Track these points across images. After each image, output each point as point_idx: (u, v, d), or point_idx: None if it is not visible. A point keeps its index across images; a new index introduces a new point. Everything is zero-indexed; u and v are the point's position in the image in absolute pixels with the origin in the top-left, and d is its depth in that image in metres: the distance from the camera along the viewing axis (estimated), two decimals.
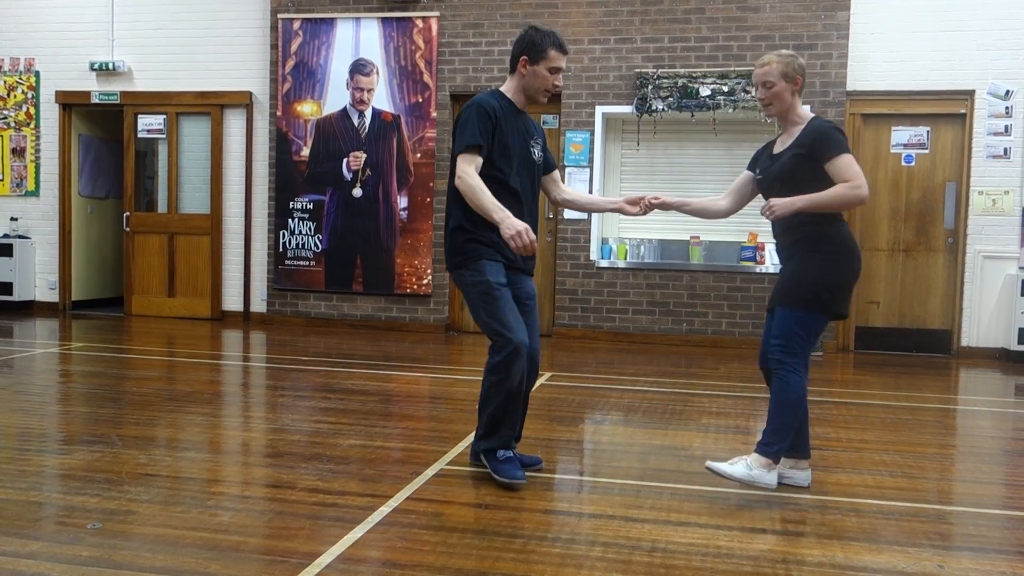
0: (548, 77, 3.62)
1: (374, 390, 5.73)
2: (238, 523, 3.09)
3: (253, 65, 9.27)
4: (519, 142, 3.67)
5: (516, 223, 3.38)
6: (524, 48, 3.62)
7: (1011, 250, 7.95)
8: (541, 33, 3.61)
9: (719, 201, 3.92)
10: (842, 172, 3.41)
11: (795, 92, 3.57)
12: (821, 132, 3.47)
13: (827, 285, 3.48)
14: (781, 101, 3.56)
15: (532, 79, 3.62)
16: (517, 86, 3.68)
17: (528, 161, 3.72)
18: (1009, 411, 5.85)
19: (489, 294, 3.56)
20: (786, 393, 3.48)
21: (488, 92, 3.72)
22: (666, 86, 8.21)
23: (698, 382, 6.33)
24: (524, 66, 3.62)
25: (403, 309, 8.90)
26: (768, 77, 3.55)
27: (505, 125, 3.60)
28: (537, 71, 3.60)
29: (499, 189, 3.59)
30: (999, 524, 3.38)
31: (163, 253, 9.57)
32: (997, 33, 7.87)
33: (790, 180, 3.50)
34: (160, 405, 5.04)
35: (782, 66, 3.54)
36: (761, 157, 3.76)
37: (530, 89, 3.65)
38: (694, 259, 8.40)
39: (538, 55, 3.59)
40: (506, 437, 3.64)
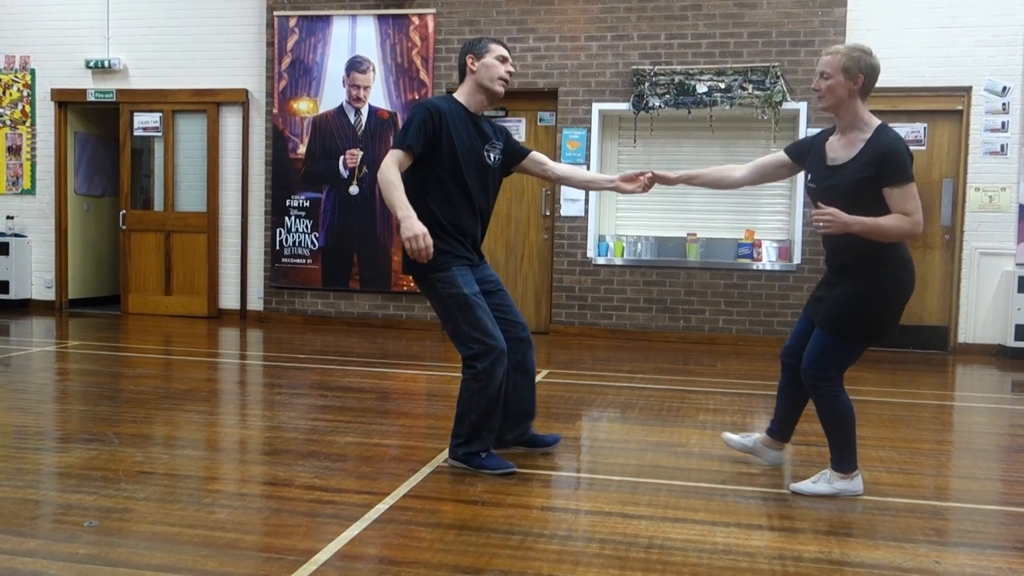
0: (498, 65, 3.72)
1: (371, 388, 5.73)
2: (235, 520, 3.08)
3: (249, 62, 9.25)
4: (468, 145, 3.71)
5: (417, 226, 3.43)
6: (466, 51, 3.76)
7: (1008, 246, 7.96)
8: (477, 38, 3.82)
9: (735, 171, 3.79)
10: (902, 203, 3.23)
11: (854, 91, 3.32)
12: (890, 156, 3.24)
13: (872, 315, 3.38)
14: (834, 96, 3.35)
15: (484, 71, 3.72)
16: (470, 88, 3.77)
17: (480, 164, 3.76)
18: (1005, 407, 5.86)
19: (467, 304, 3.63)
20: (833, 413, 3.48)
21: (441, 96, 3.86)
22: (663, 83, 8.20)
23: (695, 379, 6.34)
24: (472, 63, 3.73)
25: (400, 307, 8.90)
26: (827, 68, 3.35)
27: (453, 128, 3.66)
28: (486, 62, 3.73)
29: (449, 189, 3.67)
30: (995, 520, 3.38)
31: (159, 251, 9.56)
32: (994, 29, 7.88)
33: (852, 201, 3.29)
34: (157, 403, 5.03)
35: (846, 60, 3.32)
36: (812, 159, 3.53)
37: (484, 82, 3.74)
38: (691, 256, 8.41)
39: (481, 49, 3.74)
40: (487, 440, 3.74)
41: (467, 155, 3.70)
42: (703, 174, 3.85)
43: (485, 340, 3.61)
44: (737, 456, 4.18)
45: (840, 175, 3.36)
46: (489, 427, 3.72)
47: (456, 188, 3.69)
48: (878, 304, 3.38)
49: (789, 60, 7.97)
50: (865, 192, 3.28)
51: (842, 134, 3.43)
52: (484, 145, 3.79)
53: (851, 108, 3.37)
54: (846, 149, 3.39)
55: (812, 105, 7.99)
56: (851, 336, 3.42)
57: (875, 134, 3.33)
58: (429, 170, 3.67)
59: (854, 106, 3.37)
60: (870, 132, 3.34)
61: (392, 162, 3.55)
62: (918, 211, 3.24)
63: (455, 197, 3.69)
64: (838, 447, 3.52)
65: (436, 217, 3.65)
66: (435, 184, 3.68)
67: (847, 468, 3.52)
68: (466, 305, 3.63)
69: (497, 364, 3.62)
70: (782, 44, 8.04)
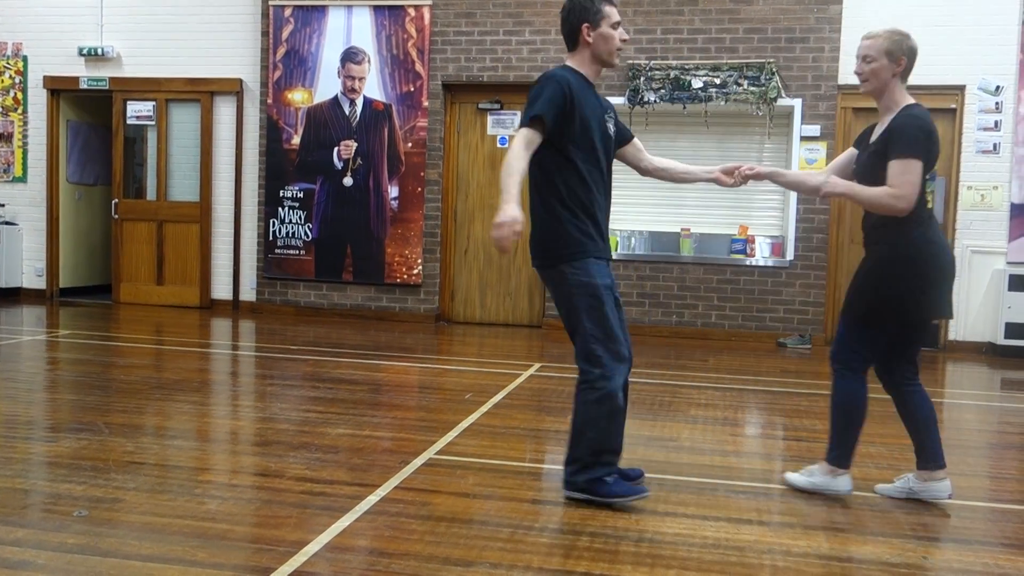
0: (614, 34, 3.33)
1: (363, 379, 5.72)
2: (225, 511, 3.08)
3: (244, 52, 9.21)
4: (597, 118, 3.35)
5: (513, 211, 3.02)
6: (580, 16, 3.33)
7: (999, 245, 7.99)
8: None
9: (815, 177, 3.71)
10: (893, 175, 3.20)
11: (896, 74, 3.32)
12: (899, 128, 3.25)
13: (887, 299, 3.31)
14: (878, 79, 3.32)
15: (601, 43, 3.33)
16: (585, 58, 3.37)
17: (605, 137, 3.40)
18: (995, 404, 5.89)
19: (597, 298, 3.24)
20: (845, 404, 3.43)
21: (559, 67, 3.37)
22: (658, 78, 8.20)
23: (687, 374, 6.35)
24: (588, 33, 3.32)
25: (393, 299, 8.89)
26: (869, 51, 3.33)
27: (583, 100, 3.29)
28: (603, 33, 3.32)
29: (587, 169, 3.29)
30: (983, 516, 3.40)
31: (152, 241, 9.52)
32: (987, 29, 7.89)
33: (871, 176, 3.30)
34: (148, 393, 5.02)
35: (888, 43, 3.31)
36: (863, 140, 3.56)
37: (602, 54, 3.35)
38: (684, 251, 8.42)
39: (597, 17, 3.32)
40: (610, 462, 3.29)
41: (597, 128, 3.33)
42: (785, 174, 3.83)
43: (608, 344, 3.24)
44: (728, 450, 4.20)
45: (869, 151, 3.41)
46: (611, 448, 3.27)
47: (593, 168, 3.31)
48: (890, 288, 3.31)
49: (784, 56, 7.97)
50: (878, 166, 3.27)
51: (881, 116, 3.45)
52: (604, 115, 3.41)
53: (892, 91, 3.36)
54: (878, 129, 3.44)
55: (807, 102, 8.00)
56: (863, 320, 3.38)
57: (899, 112, 3.34)
58: (564, 148, 3.26)
59: (895, 88, 3.36)
60: (897, 110, 3.36)
61: (520, 145, 3.15)
62: (906, 187, 3.18)
63: (592, 178, 3.30)
64: (835, 436, 3.47)
65: (574, 199, 3.26)
66: (571, 164, 3.27)
67: (840, 463, 3.48)
68: (596, 298, 3.23)
69: (618, 372, 3.25)
70: (777, 40, 8.04)
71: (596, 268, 3.27)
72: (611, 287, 3.32)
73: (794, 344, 7.99)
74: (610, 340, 3.25)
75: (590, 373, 3.25)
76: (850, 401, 3.44)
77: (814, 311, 8.16)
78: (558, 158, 3.27)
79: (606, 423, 3.23)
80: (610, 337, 3.25)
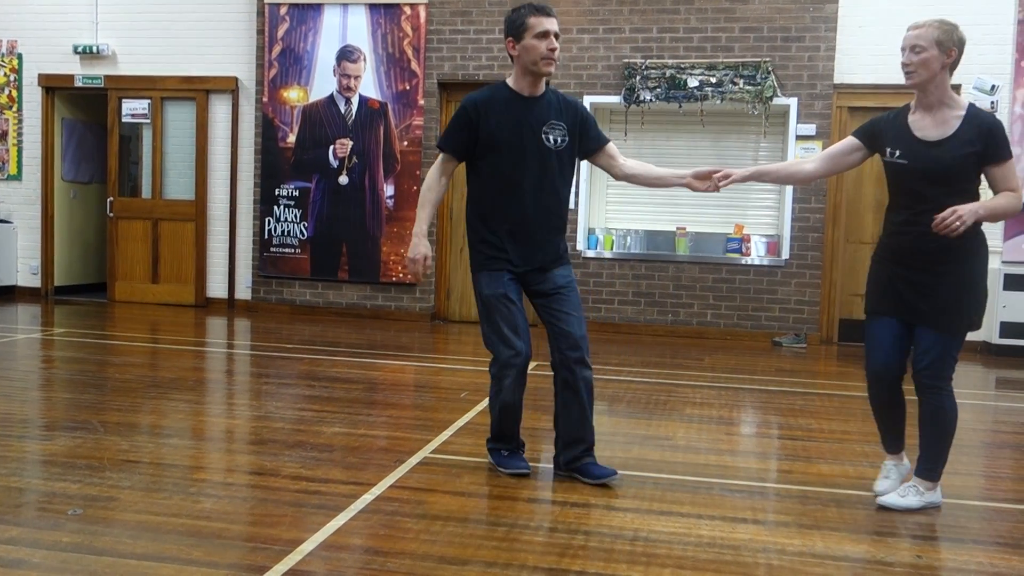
0: (538, 45, 3.47)
1: (359, 378, 5.72)
2: (220, 510, 3.08)
3: (239, 50, 9.19)
4: (518, 132, 3.52)
5: (420, 248, 3.56)
6: (507, 32, 3.56)
7: (994, 244, 7.98)
8: (515, 10, 3.55)
9: (805, 164, 3.64)
10: (1009, 179, 3.18)
11: (946, 66, 3.19)
12: (996, 131, 3.18)
13: (980, 302, 3.27)
14: (927, 70, 3.19)
15: (525, 55, 3.50)
16: (518, 71, 3.58)
17: (535, 148, 3.53)
18: (989, 404, 5.90)
19: (488, 304, 3.59)
20: (945, 418, 3.30)
21: (491, 85, 3.67)
22: (654, 76, 8.20)
23: (683, 372, 6.36)
24: (512, 48, 3.54)
25: (389, 297, 8.88)
26: (919, 41, 3.19)
27: (495, 117, 3.52)
28: (526, 45, 3.48)
29: (496, 185, 3.56)
30: (977, 515, 3.41)
31: (147, 239, 9.50)
32: (983, 28, 7.90)
33: (956, 178, 3.18)
34: (143, 392, 5.01)
35: (939, 32, 3.17)
36: (896, 136, 3.33)
37: (528, 65, 3.50)
38: (680, 250, 8.42)
39: (520, 30, 3.49)
40: (510, 442, 3.71)
41: (516, 143, 3.51)
42: (771, 170, 3.72)
43: (496, 346, 3.56)
44: (723, 449, 4.21)
45: (942, 151, 3.20)
46: (506, 432, 3.67)
47: (505, 183, 3.54)
48: (983, 289, 3.27)
49: (780, 56, 7.97)
50: (969, 169, 3.20)
51: (927, 111, 3.29)
52: (542, 127, 3.54)
53: (941, 84, 3.23)
54: (940, 127, 3.25)
55: (803, 101, 8.00)
56: (966, 330, 3.29)
57: (971, 111, 3.24)
58: (476, 164, 3.60)
59: (944, 81, 3.24)
60: (962, 110, 3.24)
61: (434, 175, 3.65)
62: (1020, 187, 3.20)
63: (508, 191, 3.53)
64: (936, 454, 3.33)
65: (484, 212, 3.59)
66: (482, 178, 3.59)
67: (937, 477, 3.37)
68: (487, 305, 3.58)
69: (504, 371, 3.54)
70: (773, 39, 8.05)
71: (488, 279, 3.59)
72: (506, 294, 3.57)
73: (789, 343, 8.00)
74: (500, 342, 3.56)
75: (490, 366, 3.65)
76: (953, 412, 3.31)
77: (809, 310, 8.17)
78: (471, 174, 3.64)
79: (498, 414, 3.64)
80: (500, 339, 3.56)
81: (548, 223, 3.60)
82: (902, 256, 3.32)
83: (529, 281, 3.63)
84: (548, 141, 3.56)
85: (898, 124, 3.37)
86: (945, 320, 3.24)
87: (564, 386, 3.57)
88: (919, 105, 3.32)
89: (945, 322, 3.24)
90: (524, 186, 3.53)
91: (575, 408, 3.57)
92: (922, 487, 3.36)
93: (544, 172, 3.56)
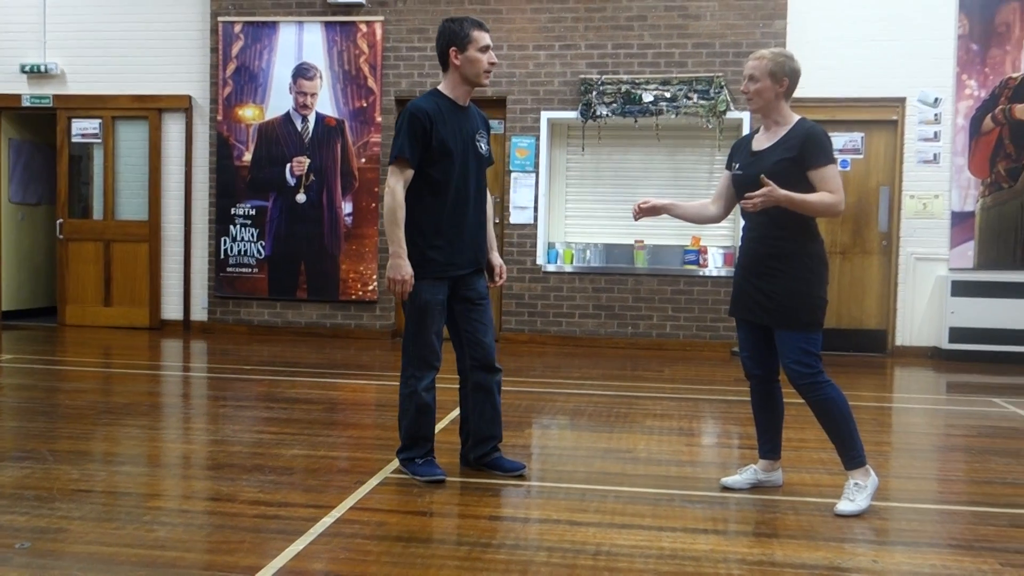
0: (481, 57, 3.65)
1: (318, 398, 5.66)
2: (176, 538, 3.02)
3: (192, 68, 9.10)
4: (462, 139, 3.69)
5: (403, 270, 3.55)
6: (448, 41, 3.66)
7: (941, 252, 8.19)
8: (457, 21, 3.68)
9: (709, 206, 3.83)
10: (827, 182, 3.39)
11: (780, 94, 3.50)
12: (813, 136, 3.43)
13: (820, 296, 3.46)
14: (762, 98, 3.50)
15: (468, 66, 3.65)
16: (454, 80, 3.70)
17: (476, 155, 3.74)
18: (941, 408, 6.02)
19: (424, 311, 3.66)
20: (834, 408, 3.44)
21: (425, 94, 3.76)
22: (610, 92, 8.28)
23: (643, 385, 6.39)
24: (455, 57, 3.64)
25: (348, 316, 8.82)
26: (754, 72, 3.50)
27: (443, 125, 3.62)
28: (469, 56, 3.63)
29: (444, 192, 3.65)
30: (931, 518, 3.48)
31: (99, 261, 9.33)
32: (926, 43, 8.12)
33: (783, 184, 3.38)
34: (95, 418, 4.91)
35: (772, 64, 3.48)
36: (739, 152, 3.68)
37: (470, 76, 3.67)
38: (639, 263, 8.49)
39: (465, 41, 3.63)
40: (425, 446, 3.77)
41: (462, 151, 3.67)
42: (683, 208, 3.88)
43: (422, 350, 3.67)
44: (683, 460, 4.24)
45: (764, 158, 3.50)
46: (423, 433, 3.74)
47: (452, 190, 3.65)
48: (819, 285, 3.47)
49: (732, 71, 8.10)
50: (788, 173, 3.40)
51: (767, 130, 3.60)
52: (475, 135, 3.75)
53: (777, 109, 3.53)
54: (769, 139, 3.56)
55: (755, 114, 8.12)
56: (815, 325, 3.46)
57: (797, 123, 3.52)
58: (425, 174, 3.62)
59: (779, 107, 3.53)
60: (791, 124, 3.53)
61: (397, 183, 3.57)
62: (841, 190, 3.41)
63: (450, 200, 3.65)
64: (847, 443, 3.46)
65: (427, 220, 3.64)
66: (430, 188, 3.63)
67: (861, 461, 3.48)
68: (422, 313, 3.65)
69: (425, 374, 3.68)
70: (725, 55, 8.18)
71: (430, 287, 3.65)
72: (442, 303, 3.69)
73: None
74: (426, 347, 3.67)
75: (405, 371, 3.72)
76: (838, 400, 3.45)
77: None
78: (416, 181, 3.63)
79: (415, 415, 3.70)
80: (426, 345, 3.67)
81: (483, 225, 3.82)
82: (745, 261, 3.60)
83: (460, 286, 3.76)
84: (481, 149, 3.78)
85: (744, 142, 3.72)
86: (783, 318, 3.46)
87: (477, 388, 3.80)
88: (763, 125, 3.63)
89: (784, 320, 3.46)
90: (469, 192, 3.73)
91: (488, 408, 3.81)
92: (856, 479, 3.48)
93: (480, 178, 3.80)
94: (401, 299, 3.64)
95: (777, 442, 3.75)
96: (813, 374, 3.44)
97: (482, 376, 3.79)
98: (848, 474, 3.50)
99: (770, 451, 3.75)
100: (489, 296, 3.88)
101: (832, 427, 3.48)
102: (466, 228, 3.72)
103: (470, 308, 3.78)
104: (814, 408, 3.50)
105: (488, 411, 3.82)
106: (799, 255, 3.46)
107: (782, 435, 3.78)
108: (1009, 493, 3.79)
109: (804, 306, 3.44)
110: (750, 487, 3.72)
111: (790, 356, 3.46)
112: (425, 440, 3.77)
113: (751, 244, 3.58)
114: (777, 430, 3.75)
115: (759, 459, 3.78)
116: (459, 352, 3.85)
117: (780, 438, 3.77)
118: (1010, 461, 4.34)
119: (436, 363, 3.73)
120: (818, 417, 3.51)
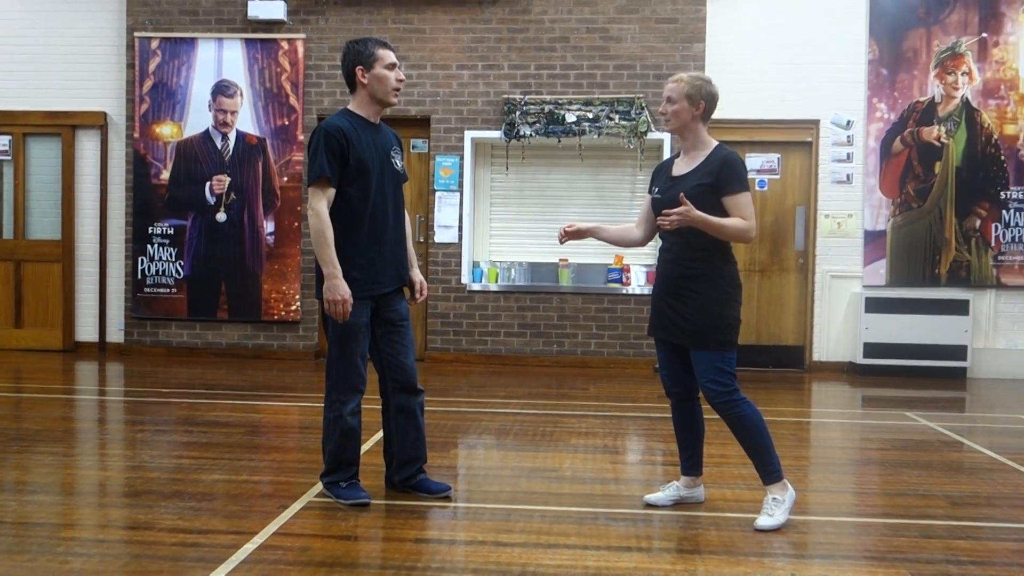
0: (389, 75, 3.68)
1: (240, 421, 5.54)
2: (91, 569, 2.92)
3: (108, 85, 8.85)
4: (378, 156, 3.70)
5: (341, 290, 3.51)
6: (354, 60, 3.69)
7: (855, 270, 8.50)
8: (361, 42, 3.72)
9: (633, 230, 3.92)
10: (741, 209, 3.50)
11: (696, 116, 3.59)
12: (729, 164, 3.52)
13: (734, 317, 3.56)
14: (678, 119, 3.59)
15: (376, 84, 3.68)
16: (364, 99, 3.73)
17: (392, 172, 3.77)
18: (857, 422, 6.23)
19: (348, 332, 3.63)
20: (750, 424, 3.52)
21: (336, 113, 3.77)
22: (533, 112, 8.37)
23: (568, 403, 6.44)
24: (363, 76, 3.68)
25: (271, 336, 8.67)
26: (672, 94, 3.60)
27: (358, 142, 3.63)
28: (376, 74, 3.67)
29: (362, 211, 3.65)
30: (847, 531, 3.60)
31: (8, 281, 8.96)
32: (839, 67, 8.44)
33: (699, 207, 3.45)
34: (5, 445, 4.70)
35: (689, 87, 3.57)
36: (660, 176, 3.77)
37: (378, 94, 3.69)
38: (563, 281, 8.57)
39: (371, 59, 3.66)
40: (350, 469, 3.75)
41: (379, 168, 3.69)
42: (607, 231, 3.97)
43: (347, 372, 3.65)
44: (607, 478, 4.29)
45: (682, 183, 3.58)
46: (348, 458, 3.71)
47: (370, 207, 3.65)
48: (733, 306, 3.58)
49: (653, 92, 8.28)
50: (705, 197, 3.50)
51: (687, 153, 3.69)
52: (390, 151, 3.78)
53: (694, 130, 3.63)
54: (688, 165, 3.65)
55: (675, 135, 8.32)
56: (729, 344, 3.55)
57: (715, 149, 3.62)
58: (342, 193, 3.61)
59: (696, 129, 3.63)
60: (709, 150, 3.62)
61: (320, 203, 3.54)
62: (753, 218, 3.53)
63: (369, 218, 3.65)
64: (764, 458, 3.54)
65: (348, 239, 3.61)
66: (348, 207, 3.62)
67: (779, 476, 3.56)
68: (346, 334, 3.62)
69: (350, 397, 3.66)
70: (646, 76, 8.36)
71: (355, 307, 3.60)
72: (366, 324, 3.67)
73: None
74: (351, 369, 3.65)
75: (330, 394, 3.70)
76: (753, 418, 3.53)
77: None
78: (334, 201, 3.61)
79: (340, 439, 3.68)
80: (351, 367, 3.65)
81: (403, 242, 3.84)
82: (661, 282, 3.69)
83: (382, 308, 3.74)
84: (396, 165, 3.81)
85: (665, 167, 3.82)
86: (698, 339, 3.54)
87: (399, 411, 3.79)
88: (682, 149, 3.74)
89: (699, 340, 3.53)
90: (388, 208, 3.74)
91: (412, 430, 3.80)
92: (775, 493, 3.56)
93: (397, 194, 3.83)
94: (342, 320, 3.56)
95: (698, 459, 3.83)
96: (728, 392, 3.52)
97: (404, 398, 3.79)
98: (766, 489, 3.59)
99: (691, 468, 3.83)
100: (410, 318, 3.89)
101: (748, 443, 3.57)
102: (386, 245, 3.72)
103: (391, 330, 3.77)
104: (730, 425, 3.58)
105: (412, 433, 3.81)
106: (713, 277, 3.55)
107: (703, 452, 3.86)
108: (921, 505, 3.95)
109: (718, 327, 3.52)
110: (673, 504, 3.79)
111: (705, 375, 3.54)
112: (350, 464, 3.74)
113: (667, 265, 3.66)
114: (698, 447, 3.83)
115: (681, 476, 3.86)
116: (381, 374, 3.84)
117: (701, 455, 3.85)
118: (921, 473, 4.51)
119: (361, 386, 3.70)
120: (735, 434, 3.60)
